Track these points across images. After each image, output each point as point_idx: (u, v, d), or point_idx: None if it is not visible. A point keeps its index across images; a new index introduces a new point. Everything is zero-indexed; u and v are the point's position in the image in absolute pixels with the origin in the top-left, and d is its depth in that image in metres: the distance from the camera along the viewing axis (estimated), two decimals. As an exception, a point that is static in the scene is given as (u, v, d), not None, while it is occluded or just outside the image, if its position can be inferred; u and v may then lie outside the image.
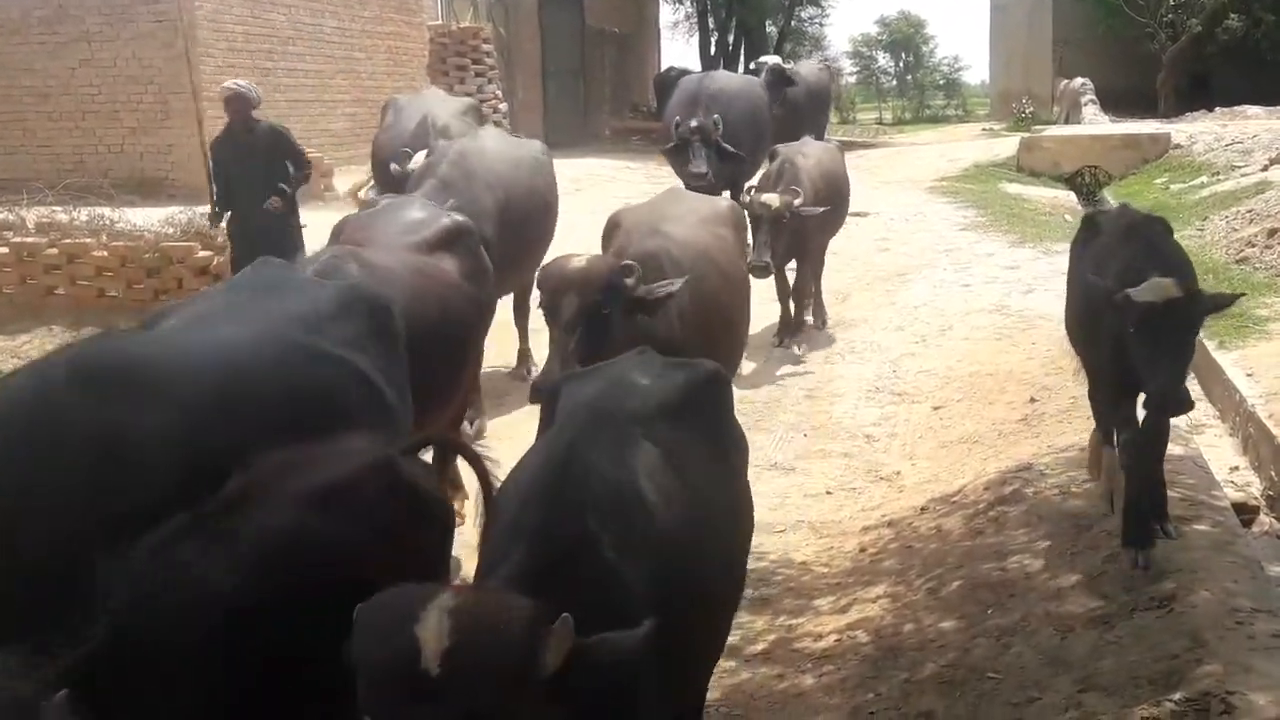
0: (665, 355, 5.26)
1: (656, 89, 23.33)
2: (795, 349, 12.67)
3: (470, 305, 7.84)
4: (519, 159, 11.60)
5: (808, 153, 13.25)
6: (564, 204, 18.34)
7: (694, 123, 15.31)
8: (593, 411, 4.40)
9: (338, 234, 8.09)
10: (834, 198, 13.18)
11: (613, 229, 8.26)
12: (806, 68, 24.27)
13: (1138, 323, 5.95)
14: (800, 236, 12.36)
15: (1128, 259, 6.49)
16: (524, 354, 12.08)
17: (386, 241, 7.52)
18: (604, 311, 6.55)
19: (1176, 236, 16.65)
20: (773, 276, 12.31)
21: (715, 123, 15.62)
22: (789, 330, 12.93)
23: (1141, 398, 6.49)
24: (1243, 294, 6.77)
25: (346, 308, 5.61)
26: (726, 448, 4.87)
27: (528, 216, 11.11)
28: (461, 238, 8.07)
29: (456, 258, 7.85)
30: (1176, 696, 5.03)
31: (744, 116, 16.66)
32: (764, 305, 12.07)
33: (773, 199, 11.84)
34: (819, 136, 17.92)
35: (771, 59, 21.60)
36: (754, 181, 14.39)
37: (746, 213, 11.15)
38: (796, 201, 11.87)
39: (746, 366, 11.22)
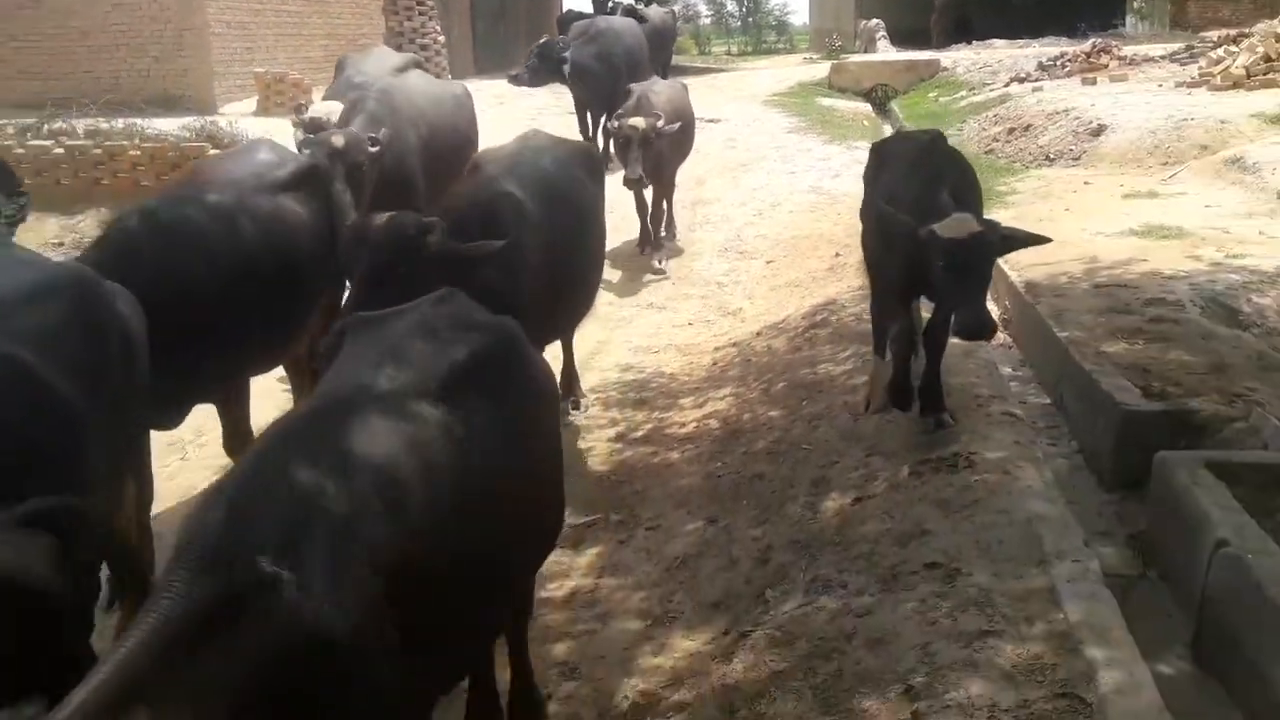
0: (504, 305, 4.15)
1: (559, 27, 21.98)
2: (656, 263, 11.17)
3: (315, 243, 6.04)
4: (441, 98, 9.59)
5: (658, 89, 11.70)
6: (490, 114, 18.07)
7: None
8: (351, 387, 3.24)
9: (195, 174, 6.38)
10: (682, 127, 11.36)
11: (471, 171, 6.62)
12: (654, 11, 22.85)
13: (944, 257, 4.94)
14: (657, 163, 10.74)
15: (919, 189, 5.44)
16: None
17: (232, 182, 5.83)
18: (399, 270, 5.07)
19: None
20: (636, 200, 11.11)
21: (558, 43, 14.75)
22: (648, 243, 11.41)
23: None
24: (1048, 239, 5.49)
25: (40, 295, 3.97)
26: (514, 409, 3.49)
27: (451, 150, 9.10)
28: (311, 178, 6.34)
29: (305, 197, 6.13)
30: (934, 455, 5.21)
31: (628, 48, 15.79)
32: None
33: (639, 121, 10.38)
34: (665, 70, 18.10)
35: (625, 1, 20.81)
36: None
37: (613, 138, 10.65)
38: (660, 124, 10.43)
39: (613, 275, 10.48)
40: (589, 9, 37.76)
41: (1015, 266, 7.73)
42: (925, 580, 4.28)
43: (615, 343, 8.98)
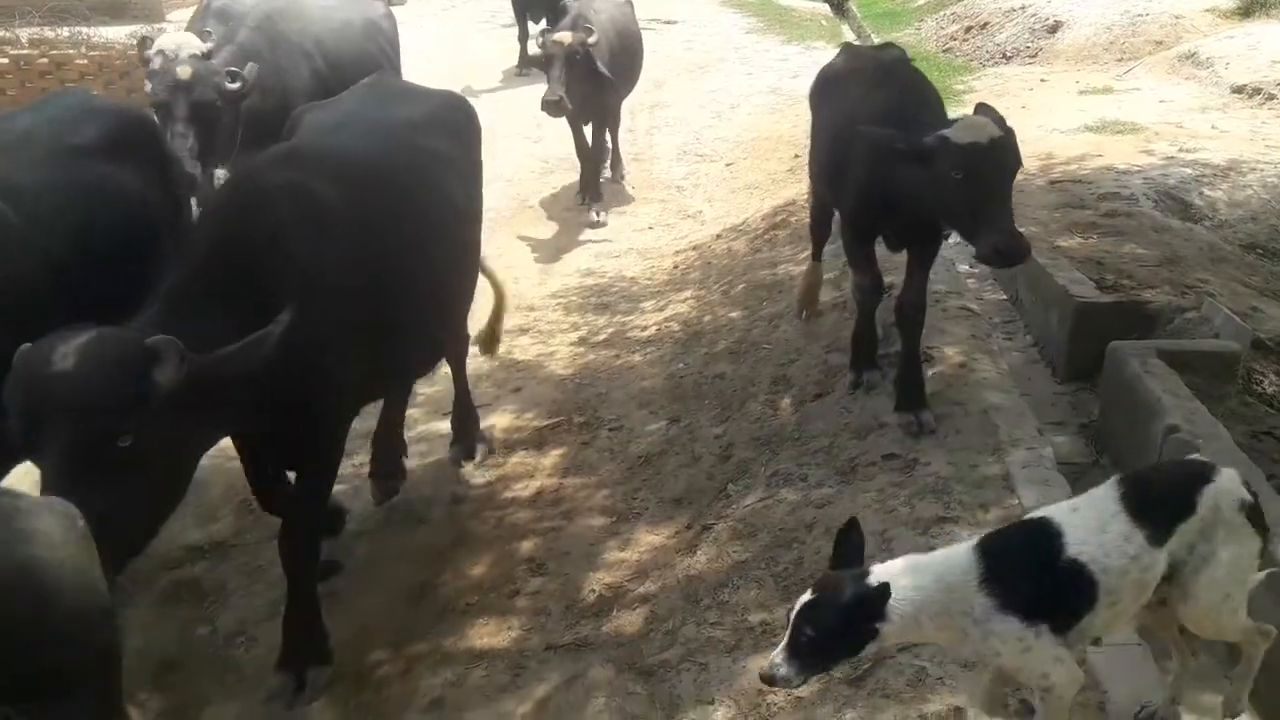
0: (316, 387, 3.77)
1: None
2: (594, 214, 9.49)
3: (135, 225, 4.33)
4: (348, 20, 7.48)
5: (599, 7, 9.69)
6: (433, 26, 17.72)
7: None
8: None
9: None
10: (627, 51, 10.04)
11: (290, 130, 4.78)
12: None
13: (963, 167, 4.05)
14: (596, 91, 9.13)
15: (889, 106, 4.58)
16: None
17: (19, 147, 4.21)
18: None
19: (901, 35, 16.68)
20: (574, 137, 9.56)
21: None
22: (590, 191, 9.71)
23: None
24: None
25: None
26: None
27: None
28: (132, 138, 4.55)
29: (122, 163, 4.40)
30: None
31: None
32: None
33: (565, 35, 8.76)
34: None
35: None
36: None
37: (542, 57, 8.80)
38: (591, 40, 8.81)
39: (548, 229, 9.33)
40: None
41: (972, 164, 7.69)
42: (883, 471, 4.34)
43: (575, 248, 8.92)
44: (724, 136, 11.92)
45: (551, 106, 8.64)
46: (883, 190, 4.57)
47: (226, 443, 3.84)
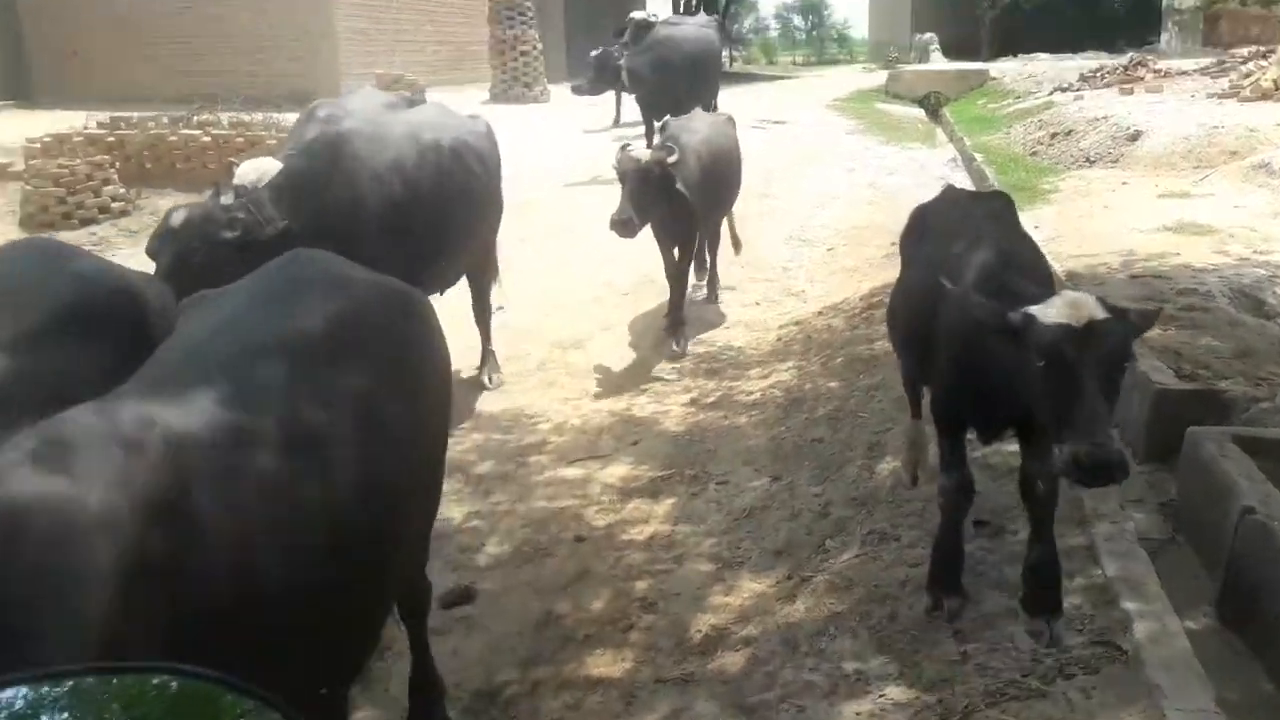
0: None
1: (617, 32, 17.49)
2: (674, 344, 8.07)
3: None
4: (435, 141, 6.27)
5: (696, 125, 8.57)
6: (580, 113, 18.09)
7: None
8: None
9: None
10: (720, 172, 8.52)
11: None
12: (691, 22, 16.97)
13: (1048, 353, 3.03)
14: (680, 215, 7.80)
15: (985, 264, 3.61)
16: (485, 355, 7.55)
17: None
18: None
19: (991, 139, 16.55)
20: (663, 258, 8.23)
21: (615, 52, 14.03)
22: (673, 316, 8.22)
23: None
24: (1160, 308, 4.07)
25: None
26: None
27: (449, 202, 6.25)
28: (96, 316, 3.12)
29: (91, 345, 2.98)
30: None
31: (689, 56, 14.48)
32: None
33: (641, 153, 7.63)
34: (709, 99, 14.71)
35: (638, 14, 18.38)
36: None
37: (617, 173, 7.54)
38: (670, 159, 7.46)
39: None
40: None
41: (1057, 258, 7.54)
42: (974, 536, 4.22)
43: (691, 319, 8.94)
44: (825, 224, 11.89)
45: (619, 226, 7.28)
46: (977, 373, 3.51)
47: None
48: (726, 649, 4.16)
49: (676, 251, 8.24)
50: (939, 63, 29.78)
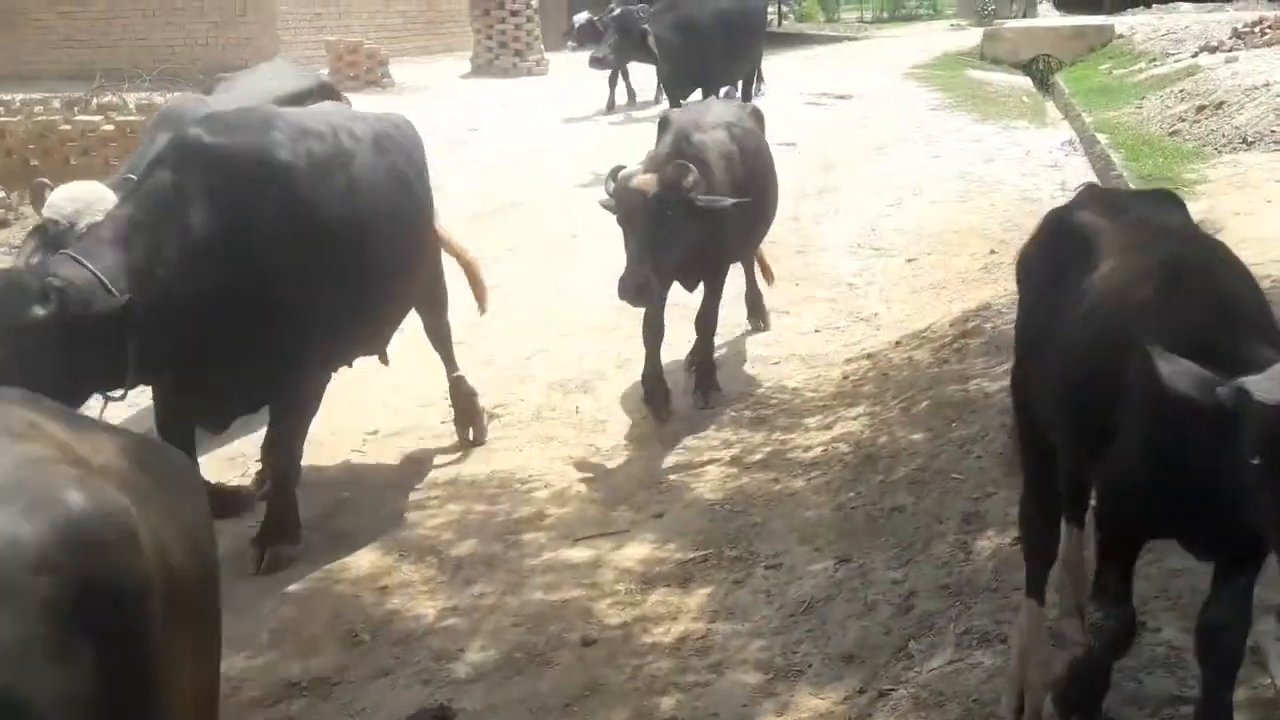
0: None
1: None
2: (702, 402, 7.83)
3: None
4: (341, 151, 6.16)
5: (707, 123, 7.91)
6: (589, 89, 18.27)
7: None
8: None
9: None
10: (754, 184, 7.98)
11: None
12: None
13: (1263, 445, 2.76)
14: (714, 245, 7.46)
15: (1186, 312, 3.23)
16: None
17: None
18: None
19: (1118, 115, 16.59)
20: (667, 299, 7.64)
21: (639, 11, 14.27)
22: (702, 374, 7.90)
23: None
24: None
25: None
26: None
27: (365, 237, 6.10)
28: None
29: None
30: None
31: (722, 13, 14.83)
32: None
33: (645, 179, 6.95)
34: (749, 80, 16.20)
35: None
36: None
37: (615, 210, 7.15)
38: (689, 180, 6.89)
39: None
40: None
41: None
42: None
43: (729, 354, 8.97)
44: (904, 228, 11.92)
45: (634, 294, 6.93)
46: (1175, 465, 3.15)
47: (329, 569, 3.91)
48: (780, 786, 4.13)
49: (702, 290, 7.94)
50: (1049, 17, 30.01)
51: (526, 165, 14.85)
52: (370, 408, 7.88)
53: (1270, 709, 3.65)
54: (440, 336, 7.42)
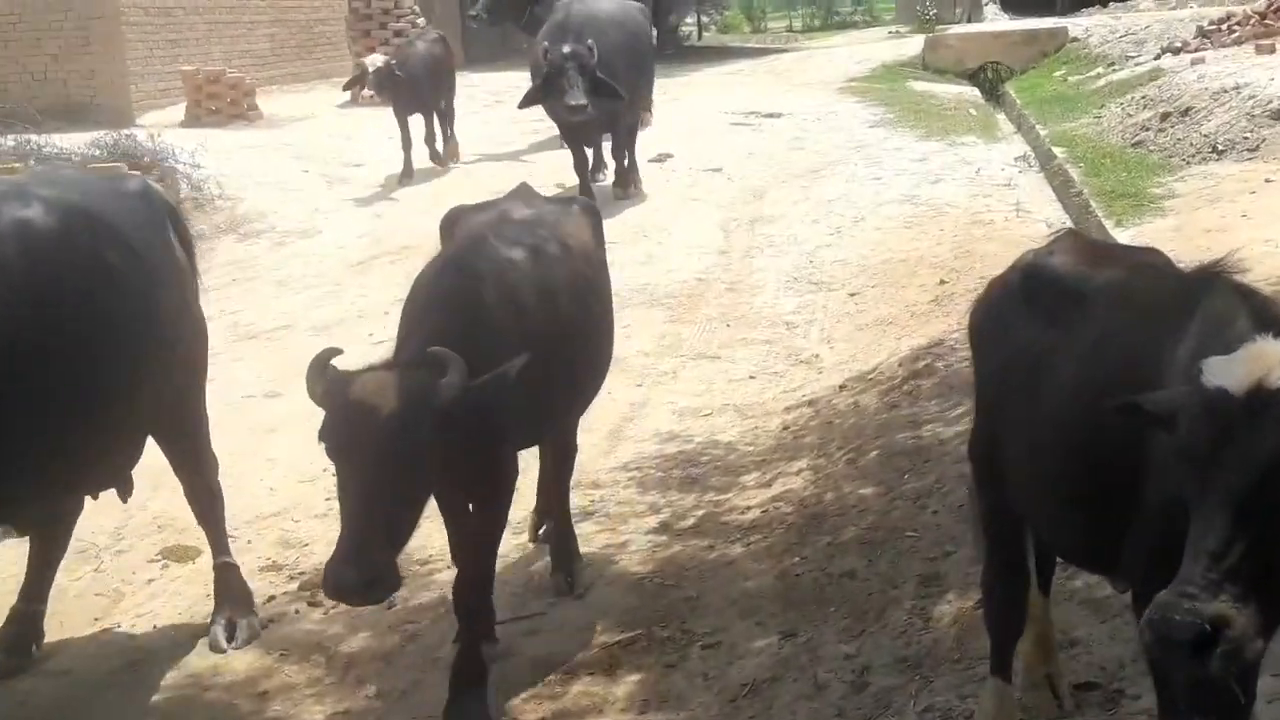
0: None
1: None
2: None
3: None
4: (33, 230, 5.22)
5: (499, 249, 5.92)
6: (488, 115, 18.26)
7: (566, 48, 12.43)
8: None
9: None
10: (561, 337, 7.48)
11: None
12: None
13: (1189, 432, 2.80)
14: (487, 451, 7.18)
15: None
16: None
17: None
18: None
19: (1076, 126, 16.91)
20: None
21: (590, 48, 12.78)
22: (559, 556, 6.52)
23: None
24: None
25: None
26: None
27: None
28: None
29: None
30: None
31: (619, 44, 13.81)
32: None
33: (380, 388, 4.73)
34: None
35: None
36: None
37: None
38: (450, 383, 4.70)
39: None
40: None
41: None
42: (1079, 705, 4.21)
43: (655, 404, 8.98)
44: (845, 259, 12.07)
45: (358, 593, 4.82)
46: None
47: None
48: None
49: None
50: (997, 21, 30.57)
51: (417, 205, 14.80)
52: (246, 485, 7.74)
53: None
54: (197, 491, 6.34)
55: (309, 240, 14.13)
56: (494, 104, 19.48)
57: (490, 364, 4.77)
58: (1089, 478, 3.42)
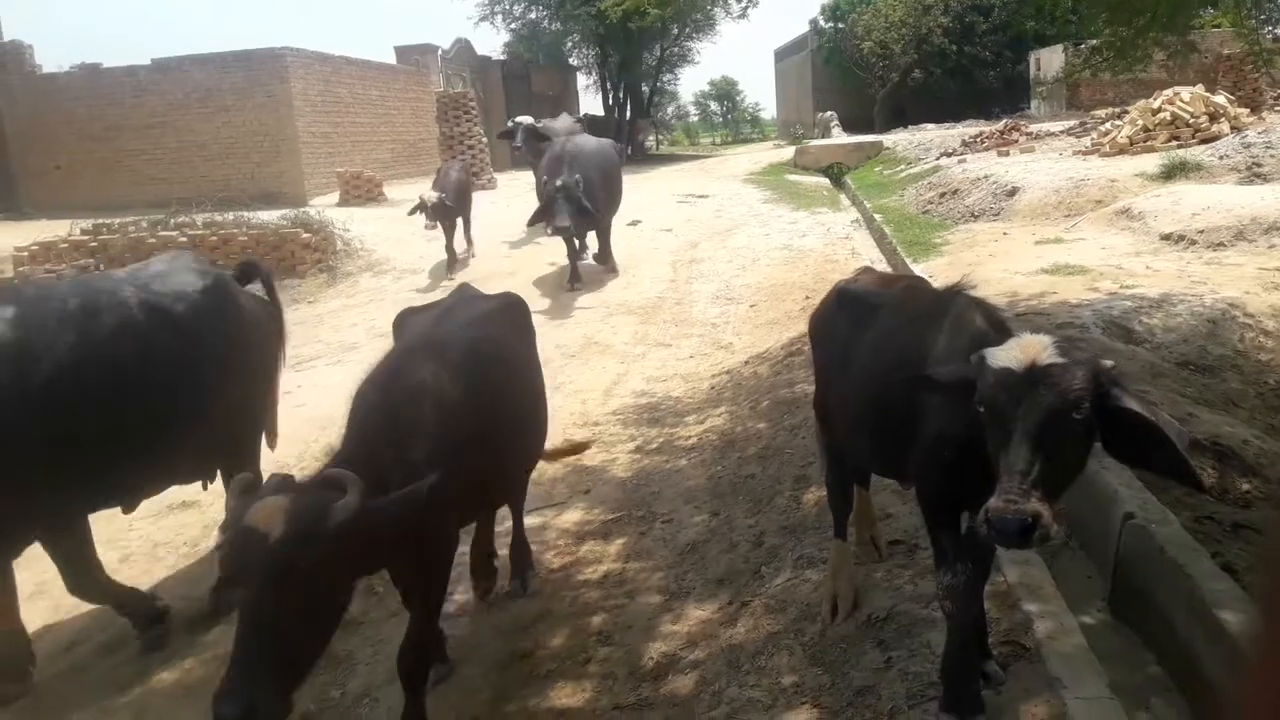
0: None
1: (502, 135, 17.52)
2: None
3: None
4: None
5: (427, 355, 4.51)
6: (526, 199, 18.15)
7: (558, 182, 11.25)
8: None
9: None
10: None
11: None
12: (560, 121, 17.41)
13: (984, 399, 2.66)
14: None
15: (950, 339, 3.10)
16: None
17: None
18: None
19: (888, 201, 16.93)
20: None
21: (576, 182, 11.60)
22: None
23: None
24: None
25: None
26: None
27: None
28: None
29: None
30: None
31: (598, 174, 12.33)
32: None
33: (269, 515, 2.87)
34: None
35: (525, 119, 16.32)
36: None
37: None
38: (336, 517, 2.93)
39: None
40: (601, 112, 38.02)
41: (951, 301, 7.68)
42: (891, 554, 4.24)
43: (632, 374, 8.97)
44: (748, 284, 12.03)
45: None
46: (962, 445, 2.88)
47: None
48: (677, 673, 4.11)
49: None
50: (840, 137, 30.50)
51: (483, 258, 14.74)
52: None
53: (1004, 598, 3.70)
54: None
55: (416, 276, 13.99)
56: (527, 192, 19.34)
57: (425, 466, 3.33)
58: (880, 422, 3.39)
